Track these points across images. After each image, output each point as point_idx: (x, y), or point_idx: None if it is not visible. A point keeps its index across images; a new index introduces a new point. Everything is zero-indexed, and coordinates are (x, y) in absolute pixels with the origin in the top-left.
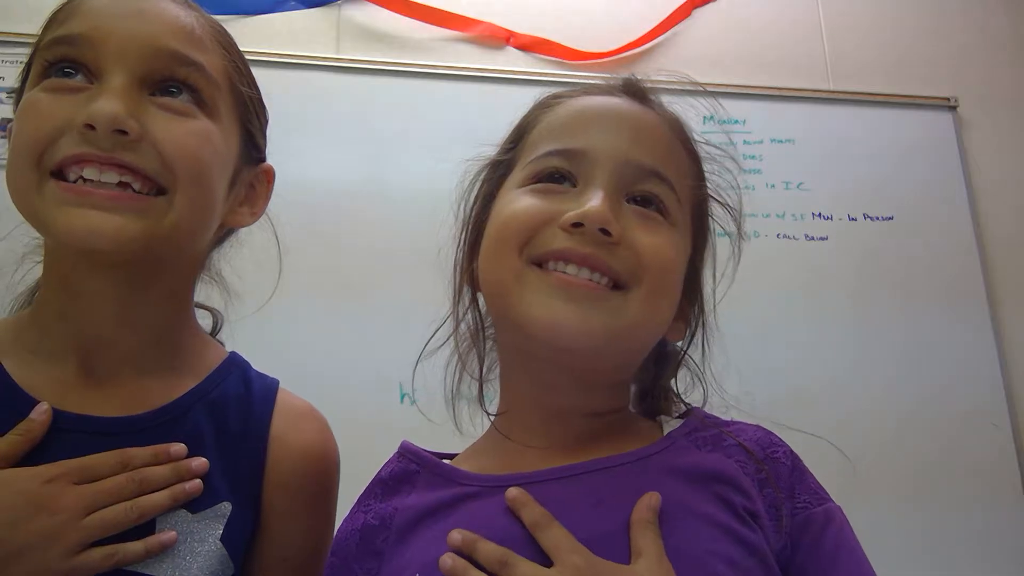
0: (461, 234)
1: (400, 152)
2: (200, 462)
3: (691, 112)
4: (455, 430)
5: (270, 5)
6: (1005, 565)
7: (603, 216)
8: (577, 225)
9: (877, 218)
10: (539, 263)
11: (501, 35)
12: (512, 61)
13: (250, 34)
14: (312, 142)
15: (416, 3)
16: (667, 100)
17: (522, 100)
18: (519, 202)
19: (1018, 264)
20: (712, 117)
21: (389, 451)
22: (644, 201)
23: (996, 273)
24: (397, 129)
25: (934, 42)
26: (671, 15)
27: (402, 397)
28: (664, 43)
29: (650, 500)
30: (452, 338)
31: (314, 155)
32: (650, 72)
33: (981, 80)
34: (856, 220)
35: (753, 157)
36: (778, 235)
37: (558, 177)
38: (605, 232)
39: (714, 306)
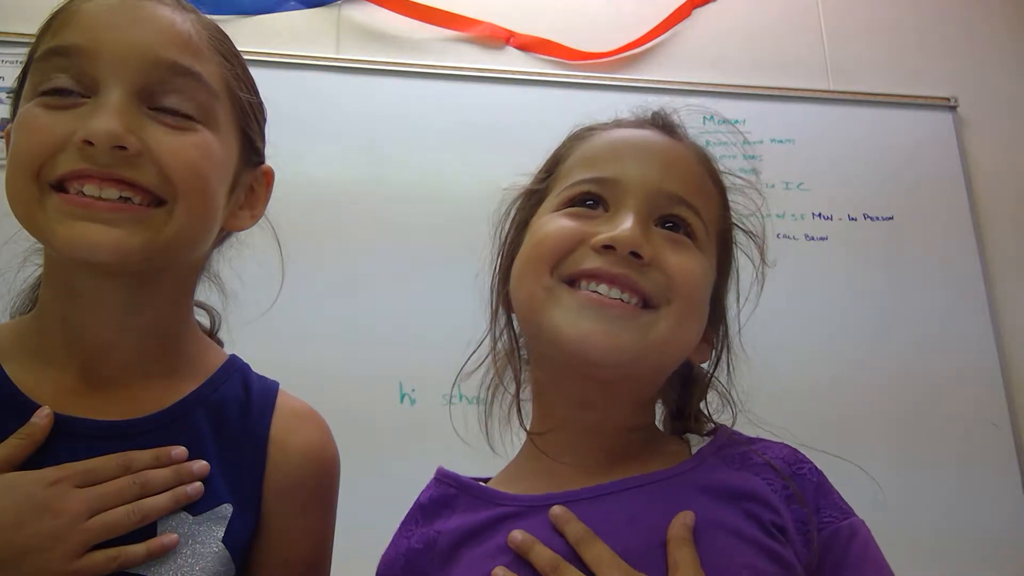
0: (496, 259)
1: (400, 152)
2: (201, 464)
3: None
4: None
5: (270, 5)
6: (1005, 565)
7: (635, 240)
8: (608, 247)
9: (877, 218)
10: (570, 282)
11: (501, 35)
12: (512, 61)
13: (250, 34)
14: (312, 142)
15: (416, 3)
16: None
17: (522, 100)
18: (552, 223)
19: (1018, 264)
20: (712, 117)
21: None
22: (673, 226)
23: (996, 273)
24: (397, 129)
25: (934, 42)
26: (671, 15)
27: (401, 397)
28: (664, 43)
29: (685, 518)
30: (488, 359)
31: (314, 155)
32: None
33: (981, 80)
34: (856, 220)
35: (753, 157)
36: (778, 235)
37: (591, 202)
38: (636, 255)
39: (739, 330)
